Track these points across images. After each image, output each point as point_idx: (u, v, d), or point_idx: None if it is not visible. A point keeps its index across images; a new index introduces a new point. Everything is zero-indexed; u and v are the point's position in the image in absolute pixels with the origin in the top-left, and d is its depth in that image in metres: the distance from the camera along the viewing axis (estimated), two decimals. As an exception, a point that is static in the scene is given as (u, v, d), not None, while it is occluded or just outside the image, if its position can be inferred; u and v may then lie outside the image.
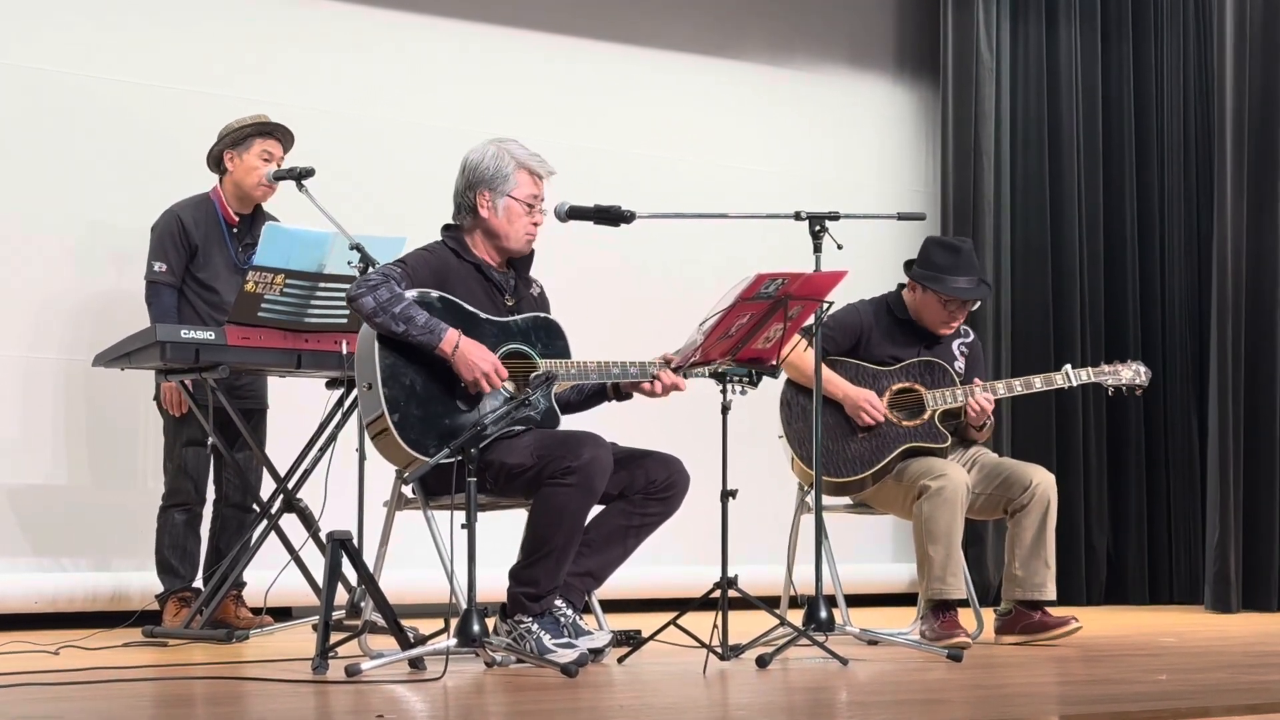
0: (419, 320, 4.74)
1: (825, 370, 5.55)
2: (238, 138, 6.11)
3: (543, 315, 5.06)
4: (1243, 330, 7.98)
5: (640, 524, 4.93)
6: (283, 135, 6.13)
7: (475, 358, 4.77)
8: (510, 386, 4.87)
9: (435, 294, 4.85)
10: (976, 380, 5.80)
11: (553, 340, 5.02)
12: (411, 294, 4.80)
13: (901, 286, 5.92)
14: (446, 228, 5.07)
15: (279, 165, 6.09)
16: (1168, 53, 8.97)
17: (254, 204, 6.17)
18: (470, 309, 4.89)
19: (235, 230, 6.16)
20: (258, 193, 6.12)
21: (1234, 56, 8.00)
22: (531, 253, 5.09)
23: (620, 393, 5.09)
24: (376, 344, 4.77)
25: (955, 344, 5.92)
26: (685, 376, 4.99)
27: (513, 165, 4.99)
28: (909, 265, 5.85)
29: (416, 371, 4.79)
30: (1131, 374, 5.93)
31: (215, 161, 6.15)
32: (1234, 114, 7.98)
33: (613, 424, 5.14)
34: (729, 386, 4.87)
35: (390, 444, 4.77)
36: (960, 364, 5.88)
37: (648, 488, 4.92)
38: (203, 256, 6.11)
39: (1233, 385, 7.94)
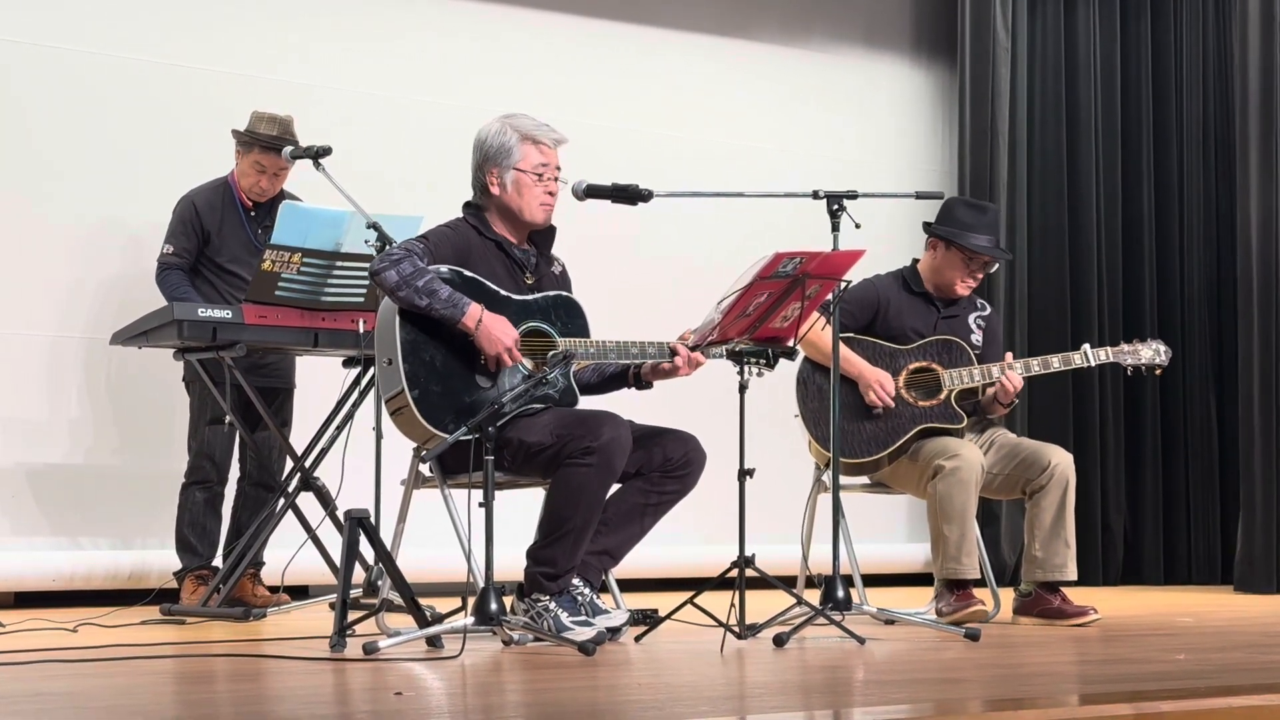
0: (442, 294, 4.73)
1: (842, 349, 5.53)
2: (240, 139, 6.12)
3: (563, 294, 5.05)
4: (1272, 307, 7.90)
5: (657, 502, 4.93)
6: (280, 146, 5.99)
7: (498, 333, 4.76)
8: (529, 364, 4.87)
9: (457, 270, 4.84)
10: (1008, 355, 5.75)
11: (572, 319, 5.01)
12: (434, 269, 4.79)
13: (916, 261, 5.89)
14: (467, 205, 5.05)
15: (275, 175, 6.10)
16: (1186, 33, 8.94)
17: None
18: (491, 286, 4.88)
19: (253, 213, 6.17)
20: (252, 195, 6.15)
21: (1260, 31, 7.93)
22: (553, 229, 5.08)
23: (641, 381, 5.09)
24: (397, 319, 4.76)
25: (972, 317, 5.89)
26: (704, 356, 4.98)
27: (515, 138, 4.97)
28: (928, 225, 5.82)
29: (436, 348, 4.79)
30: (1151, 353, 5.88)
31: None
32: (1260, 90, 7.91)
33: (630, 402, 5.13)
34: (745, 368, 4.85)
35: (410, 420, 4.77)
36: (978, 337, 5.85)
37: (664, 466, 4.91)
38: (219, 240, 6.12)
39: (1259, 364, 7.89)
